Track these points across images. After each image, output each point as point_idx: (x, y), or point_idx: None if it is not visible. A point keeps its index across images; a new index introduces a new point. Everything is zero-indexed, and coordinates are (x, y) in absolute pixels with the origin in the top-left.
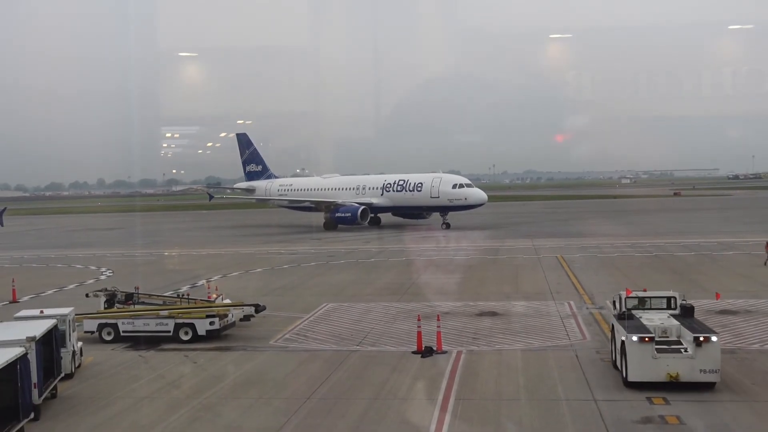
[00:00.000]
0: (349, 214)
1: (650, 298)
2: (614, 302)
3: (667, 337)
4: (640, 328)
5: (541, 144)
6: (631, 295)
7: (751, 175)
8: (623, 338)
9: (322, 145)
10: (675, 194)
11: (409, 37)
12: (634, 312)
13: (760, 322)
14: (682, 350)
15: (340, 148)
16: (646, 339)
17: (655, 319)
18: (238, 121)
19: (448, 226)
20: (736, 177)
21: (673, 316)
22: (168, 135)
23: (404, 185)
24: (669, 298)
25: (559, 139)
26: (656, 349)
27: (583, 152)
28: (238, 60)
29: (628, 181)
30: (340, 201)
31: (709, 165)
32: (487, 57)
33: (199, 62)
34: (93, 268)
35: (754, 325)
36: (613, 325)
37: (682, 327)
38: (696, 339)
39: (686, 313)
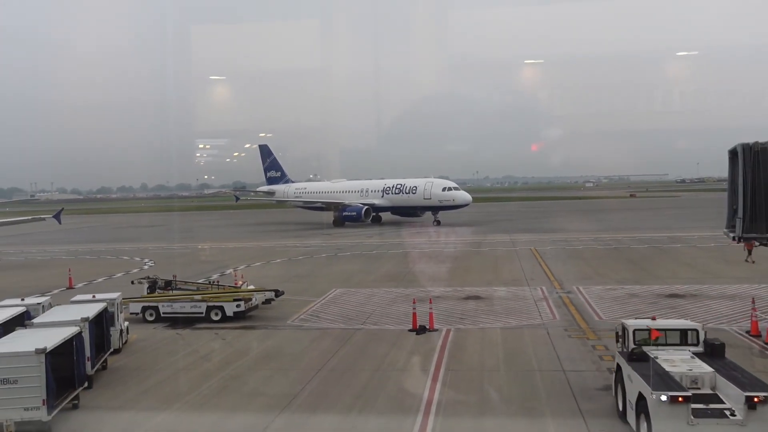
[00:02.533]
0: (355, 213)
1: (664, 330)
2: (617, 333)
3: (698, 388)
4: (666, 379)
5: (518, 152)
6: (639, 326)
7: (696, 179)
8: (651, 396)
9: (331, 154)
10: (631, 196)
11: (406, 61)
12: (645, 348)
13: (703, 304)
14: (728, 413)
15: (347, 157)
16: (680, 399)
17: (676, 361)
18: (260, 134)
19: (438, 223)
20: (683, 181)
21: (697, 355)
22: (201, 146)
23: (401, 188)
24: (686, 331)
25: (534, 149)
26: (693, 410)
27: (553, 160)
28: (260, 83)
29: (591, 184)
30: (346, 202)
31: (660, 171)
32: (472, 78)
33: (227, 84)
34: (137, 259)
35: (698, 307)
36: (618, 366)
37: (717, 375)
38: (749, 400)
39: (715, 352)
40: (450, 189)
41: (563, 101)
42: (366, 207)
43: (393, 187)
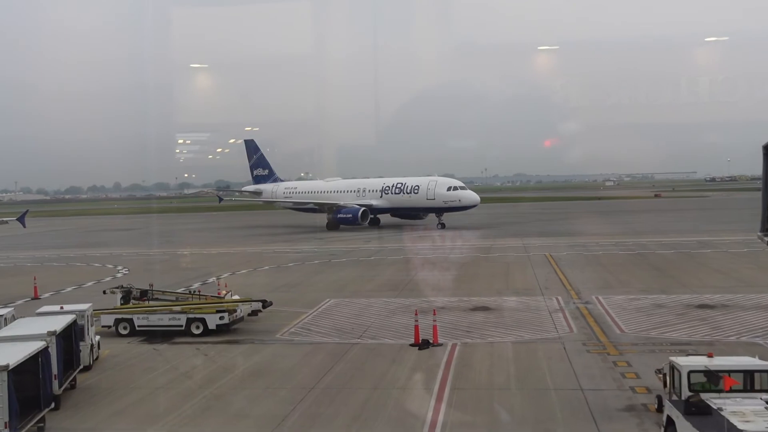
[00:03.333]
0: (351, 215)
1: (727, 371)
2: (664, 376)
3: None
4: None
5: (530, 149)
6: (695, 367)
7: (727, 177)
8: None
9: (324, 150)
10: (656, 196)
11: (408, 50)
12: (704, 396)
13: (737, 316)
14: None
15: (342, 154)
16: None
17: (748, 414)
18: (246, 128)
19: (443, 226)
20: (713, 179)
21: None
22: (180, 141)
23: (402, 188)
24: (753, 372)
25: (547, 144)
26: None
27: (569, 156)
28: (246, 71)
29: (612, 183)
30: (341, 203)
31: (687, 168)
32: (479, 68)
33: (210, 73)
34: (110, 266)
35: (731, 319)
36: (670, 419)
37: None
38: None
39: None
40: (455, 188)
41: (580, 92)
42: (363, 208)
43: (393, 186)
